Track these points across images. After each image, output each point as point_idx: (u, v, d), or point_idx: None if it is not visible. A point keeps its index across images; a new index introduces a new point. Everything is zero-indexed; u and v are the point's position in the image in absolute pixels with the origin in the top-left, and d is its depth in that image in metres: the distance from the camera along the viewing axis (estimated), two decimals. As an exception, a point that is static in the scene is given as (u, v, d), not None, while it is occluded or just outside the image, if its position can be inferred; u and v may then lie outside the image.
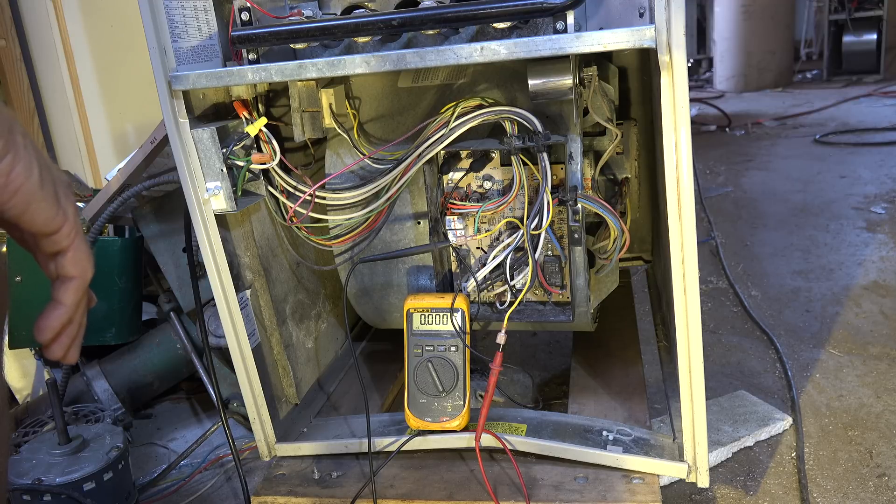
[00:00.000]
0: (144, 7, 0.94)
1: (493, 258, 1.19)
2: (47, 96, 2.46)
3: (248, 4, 1.00)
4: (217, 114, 1.09)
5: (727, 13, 6.18)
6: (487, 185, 1.22)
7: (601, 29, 0.87)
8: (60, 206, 0.49)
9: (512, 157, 1.11)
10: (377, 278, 1.34)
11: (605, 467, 1.08)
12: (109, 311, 1.52)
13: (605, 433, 1.13)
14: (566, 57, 0.99)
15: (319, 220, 1.22)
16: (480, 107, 1.09)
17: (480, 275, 1.20)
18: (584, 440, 1.11)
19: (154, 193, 1.47)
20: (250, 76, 0.95)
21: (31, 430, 1.40)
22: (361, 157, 1.17)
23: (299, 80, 1.11)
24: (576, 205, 1.13)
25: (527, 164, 1.13)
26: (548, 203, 1.10)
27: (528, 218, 1.11)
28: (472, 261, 1.30)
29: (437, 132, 1.09)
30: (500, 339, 1.12)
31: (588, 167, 1.19)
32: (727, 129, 4.55)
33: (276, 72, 0.94)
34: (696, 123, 4.69)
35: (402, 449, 1.14)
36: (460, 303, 1.13)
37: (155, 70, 0.96)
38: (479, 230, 1.24)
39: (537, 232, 1.12)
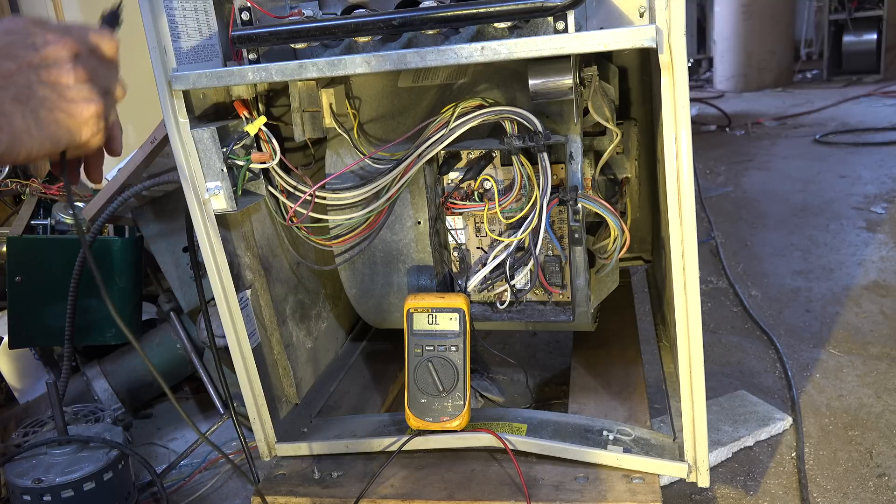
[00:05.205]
0: (144, 7, 0.94)
1: (494, 258, 1.19)
2: (47, 96, 2.45)
3: (249, 4, 1.00)
4: (217, 114, 1.09)
5: (727, 13, 6.18)
6: (488, 184, 1.22)
7: (601, 29, 0.87)
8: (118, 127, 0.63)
9: (512, 157, 1.11)
10: (377, 278, 1.34)
11: (605, 467, 1.08)
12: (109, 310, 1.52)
13: (605, 433, 1.13)
14: (566, 57, 0.99)
15: (319, 220, 1.22)
16: (481, 107, 1.09)
17: (480, 275, 1.20)
18: (585, 440, 1.11)
19: (154, 193, 1.47)
20: (250, 76, 0.95)
21: (31, 430, 1.40)
22: (361, 157, 1.17)
23: (299, 80, 1.11)
24: (576, 205, 1.13)
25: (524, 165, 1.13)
26: (547, 202, 1.10)
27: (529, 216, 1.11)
28: (473, 261, 1.30)
29: (437, 132, 1.09)
30: None
31: (588, 167, 1.19)
32: (727, 129, 4.55)
33: (277, 72, 0.94)
34: (696, 123, 4.68)
35: (402, 449, 1.14)
36: (460, 303, 1.13)
37: (155, 70, 0.96)
38: (479, 230, 1.24)
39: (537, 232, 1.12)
